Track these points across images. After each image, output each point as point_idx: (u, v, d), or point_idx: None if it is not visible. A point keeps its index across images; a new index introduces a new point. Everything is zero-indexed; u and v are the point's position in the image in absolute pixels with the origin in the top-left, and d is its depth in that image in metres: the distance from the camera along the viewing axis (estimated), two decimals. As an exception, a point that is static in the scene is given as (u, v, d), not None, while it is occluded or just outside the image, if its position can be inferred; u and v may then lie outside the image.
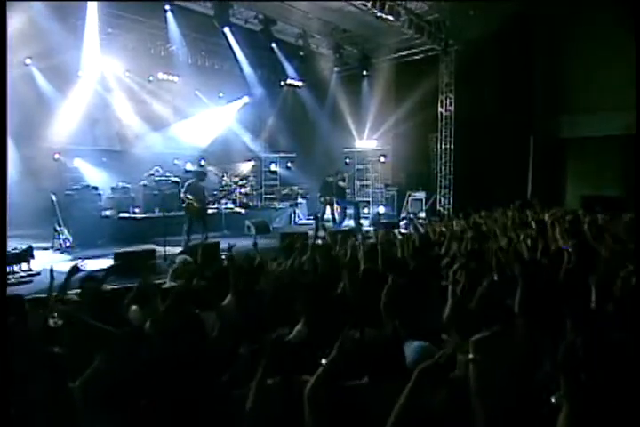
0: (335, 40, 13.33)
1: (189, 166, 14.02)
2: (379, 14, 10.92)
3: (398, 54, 14.12)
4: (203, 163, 14.31)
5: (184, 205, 8.85)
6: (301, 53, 12.88)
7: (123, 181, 11.62)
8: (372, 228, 11.40)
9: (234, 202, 12.59)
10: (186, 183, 9.06)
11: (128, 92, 13.36)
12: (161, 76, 13.93)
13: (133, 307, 3.61)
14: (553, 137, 13.97)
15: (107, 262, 7.62)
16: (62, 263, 7.77)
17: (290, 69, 14.15)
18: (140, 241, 9.70)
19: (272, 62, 14.03)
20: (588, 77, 13.00)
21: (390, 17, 11.06)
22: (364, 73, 14.36)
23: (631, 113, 10.52)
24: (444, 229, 8.63)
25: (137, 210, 10.89)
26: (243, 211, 12.22)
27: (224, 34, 11.69)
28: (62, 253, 8.77)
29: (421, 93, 13.52)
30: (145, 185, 11.46)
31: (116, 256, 7.03)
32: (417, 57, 13.84)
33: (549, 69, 13.55)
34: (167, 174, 11.94)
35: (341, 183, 11.61)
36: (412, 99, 13.61)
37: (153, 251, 7.46)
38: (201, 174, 9.29)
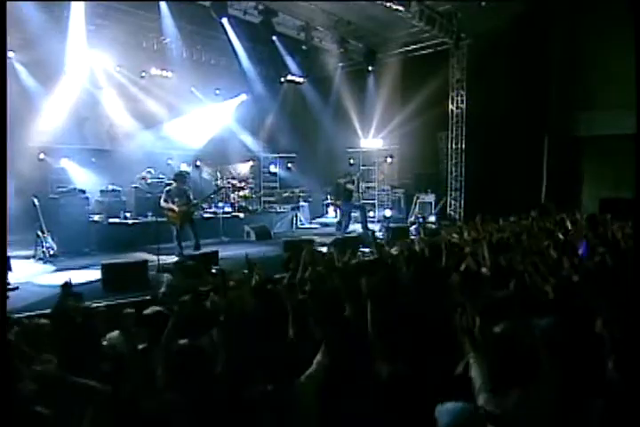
0: (339, 33, 12.74)
1: (184, 167, 13.42)
2: (388, 4, 10.37)
3: (405, 49, 13.55)
4: (198, 163, 13.74)
5: (165, 213, 8.16)
6: (304, 47, 12.29)
7: (113, 183, 10.99)
8: (381, 233, 10.82)
9: (232, 205, 11.96)
10: (165, 189, 8.30)
11: (118, 89, 12.75)
12: (154, 71, 13.28)
13: (114, 333, 3.16)
14: (568, 136, 13.42)
15: (94, 274, 7.04)
16: (45, 276, 7.18)
17: (291, 65, 13.59)
18: (131, 249, 9.13)
19: (272, 57, 13.46)
20: (606, 72, 12.43)
21: (401, 7, 10.50)
22: (370, 68, 13.79)
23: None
24: (455, 235, 8.13)
25: (128, 215, 10.27)
26: (241, 215, 11.61)
27: (222, 26, 11.12)
28: (45, 262, 8.14)
29: (430, 90, 12.98)
30: (137, 188, 10.84)
31: (104, 268, 6.41)
32: (425, 51, 13.31)
33: (565, 64, 12.99)
34: (160, 176, 11.35)
35: (349, 186, 10.99)
36: (421, 96, 13.06)
37: (144, 263, 6.82)
38: (180, 177, 8.49)
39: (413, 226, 11.61)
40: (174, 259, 8.24)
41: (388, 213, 13.88)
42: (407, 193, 14.22)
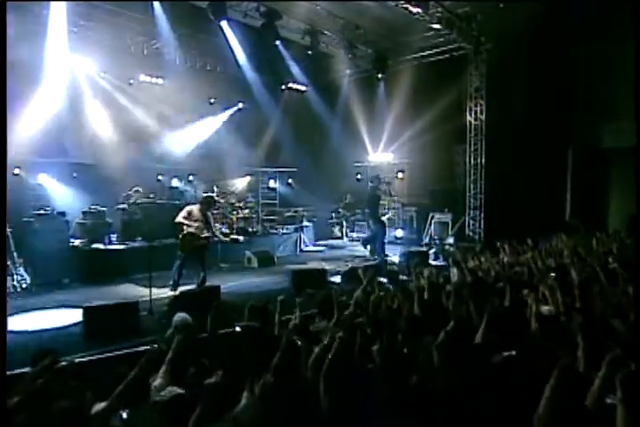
0: (347, 38, 12.02)
1: (176, 183, 12.71)
2: (405, 5, 9.68)
3: (419, 54, 12.89)
4: (191, 178, 12.99)
5: (181, 233, 7.24)
6: (309, 53, 11.53)
7: (96, 202, 10.03)
8: (396, 257, 9.95)
9: (230, 227, 11.03)
10: (186, 209, 7.38)
11: (103, 97, 11.93)
12: (143, 77, 12.50)
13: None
14: (594, 147, 12.76)
15: (73, 315, 6.09)
16: (14, 319, 6.18)
17: (296, 71, 12.87)
18: (117, 279, 8.27)
19: (275, 63, 12.71)
20: (633, 78, 11.81)
21: (419, 9, 9.82)
22: (380, 76, 13.07)
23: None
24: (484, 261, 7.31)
25: (114, 239, 9.33)
26: (241, 238, 10.69)
27: (221, 28, 10.34)
28: (17, 298, 7.17)
29: (446, 100, 12.38)
30: (124, 209, 9.86)
31: (86, 313, 5.46)
32: (441, 57, 12.63)
33: (591, 70, 12.36)
34: (151, 195, 10.41)
35: (380, 191, 9.91)
36: (435, 106, 12.43)
37: (135, 305, 5.87)
38: (207, 202, 7.54)
39: (432, 250, 10.78)
40: (169, 293, 7.34)
41: (399, 233, 13.08)
42: (420, 211, 13.49)
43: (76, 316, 6.02)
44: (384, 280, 8.60)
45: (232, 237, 10.70)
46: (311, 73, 13.28)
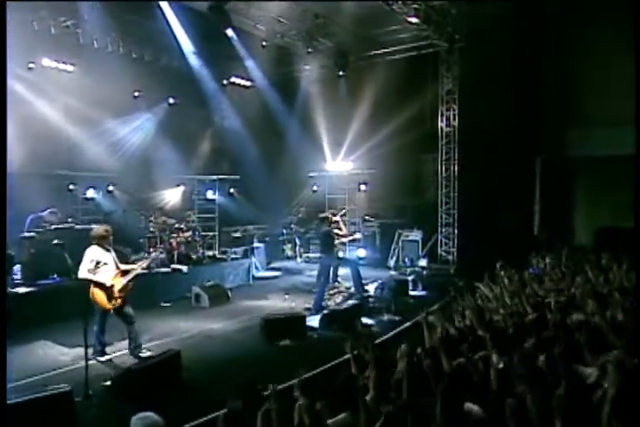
0: (305, 28, 10.93)
1: (91, 194, 11.23)
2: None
3: (385, 50, 12.09)
4: (111, 189, 11.57)
5: (90, 290, 5.69)
6: (264, 44, 10.30)
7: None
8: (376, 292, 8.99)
9: (169, 253, 9.44)
10: (88, 252, 5.73)
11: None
12: (47, 62, 10.71)
13: None
14: (563, 156, 12.71)
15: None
16: None
17: (250, 65, 11.58)
18: (23, 335, 6.46)
19: (223, 54, 11.28)
20: (601, 85, 11.84)
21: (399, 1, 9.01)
22: (341, 73, 12.13)
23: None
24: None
25: (18, 279, 7.50)
26: (185, 268, 9.18)
27: (161, 10, 8.86)
28: None
29: (415, 103, 11.84)
30: (31, 237, 7.94)
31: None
32: (411, 54, 12.03)
33: (559, 73, 12.29)
34: (69, 220, 8.63)
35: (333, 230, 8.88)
36: (403, 109, 11.93)
37: (67, 394, 4.33)
38: (103, 237, 5.91)
39: (411, 276, 9.99)
40: (104, 358, 5.85)
41: (361, 252, 12.14)
42: (383, 227, 12.71)
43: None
44: (369, 322, 7.73)
45: (173, 266, 9.18)
46: (266, 68, 12.02)
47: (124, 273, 5.92)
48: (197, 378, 5.51)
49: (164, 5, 8.73)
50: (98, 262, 5.71)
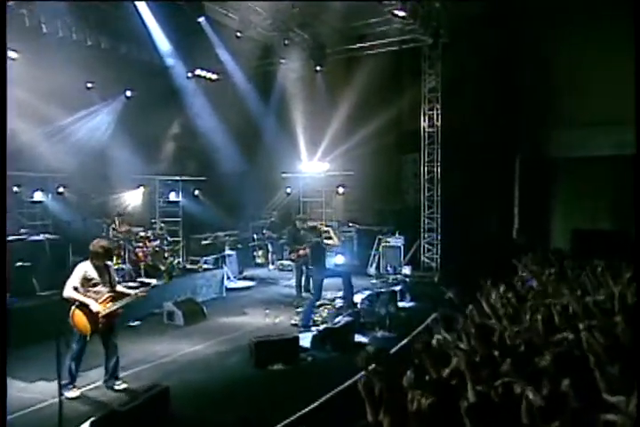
0: (281, 18, 10.37)
1: (39, 196, 10.34)
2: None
3: (364, 44, 11.64)
4: (61, 190, 10.70)
5: (72, 311, 5.11)
6: (238, 35, 9.70)
7: None
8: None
9: (136, 265, 8.67)
10: (78, 268, 5.27)
11: None
12: (-16, 48, 9.53)
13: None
14: (540, 157, 12.76)
15: None
16: None
17: (221, 56, 10.94)
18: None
19: (194, 44, 10.58)
20: (582, 85, 11.92)
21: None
22: (318, 68, 11.66)
23: (629, 128, 9.34)
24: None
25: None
26: (154, 282, 8.46)
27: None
28: None
29: (396, 101, 11.61)
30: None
31: None
32: (391, 48, 11.64)
33: (538, 72, 12.28)
34: (22, 230, 7.79)
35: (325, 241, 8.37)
36: (384, 107, 11.67)
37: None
38: (101, 254, 5.34)
39: (398, 286, 9.65)
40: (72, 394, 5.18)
41: (339, 259, 11.73)
42: (361, 232, 12.35)
43: None
44: (362, 339, 7.30)
45: (141, 280, 8.45)
46: (241, 61, 11.36)
47: (116, 297, 5.37)
48: (186, 413, 4.93)
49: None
50: (88, 280, 5.20)
